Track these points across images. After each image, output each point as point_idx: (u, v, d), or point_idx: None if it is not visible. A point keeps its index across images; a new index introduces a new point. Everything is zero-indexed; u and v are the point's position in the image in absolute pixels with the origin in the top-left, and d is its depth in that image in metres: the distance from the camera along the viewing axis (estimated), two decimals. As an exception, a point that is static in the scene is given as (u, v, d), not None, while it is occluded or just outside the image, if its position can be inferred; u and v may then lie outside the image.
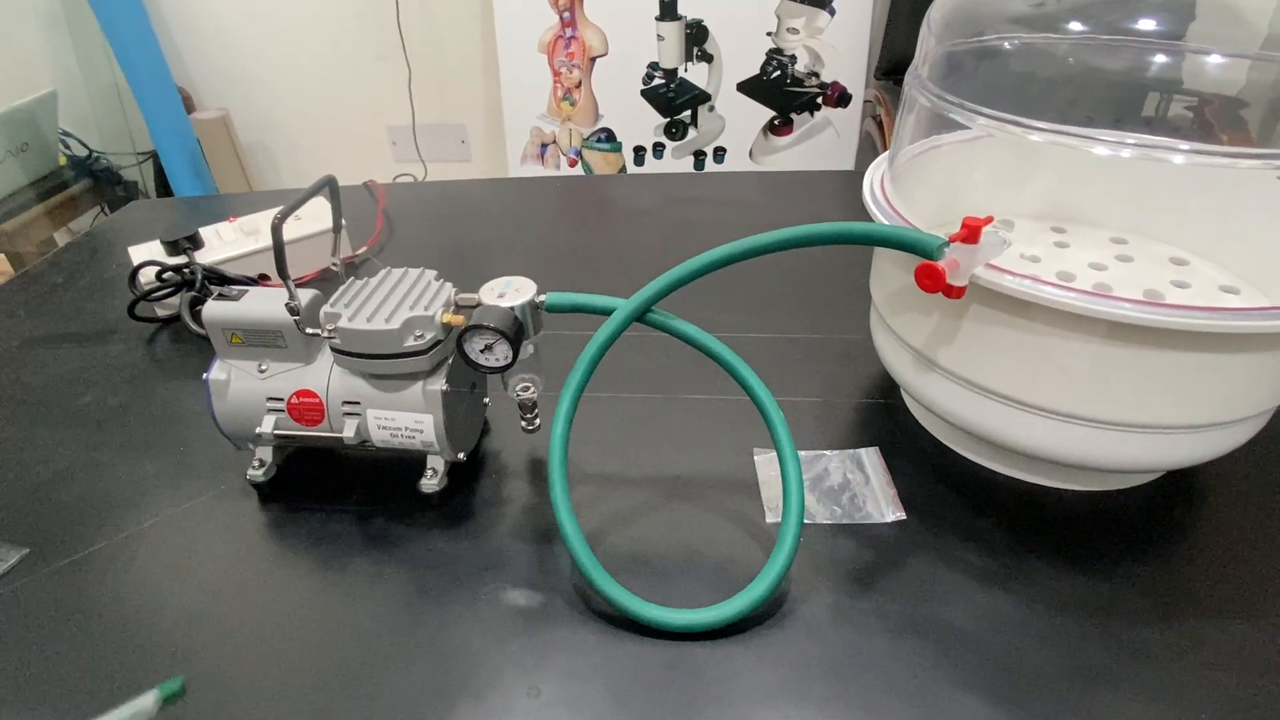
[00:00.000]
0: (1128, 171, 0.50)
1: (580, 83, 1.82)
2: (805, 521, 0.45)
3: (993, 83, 0.47)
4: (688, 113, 1.84)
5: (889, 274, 0.47)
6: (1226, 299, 0.45)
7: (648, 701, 0.37)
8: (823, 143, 1.85)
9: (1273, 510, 0.45)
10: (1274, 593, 0.41)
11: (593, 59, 1.79)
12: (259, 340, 0.45)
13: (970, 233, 0.36)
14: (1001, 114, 0.41)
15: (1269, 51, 0.43)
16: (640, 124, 1.86)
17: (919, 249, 0.38)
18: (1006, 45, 0.47)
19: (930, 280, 0.37)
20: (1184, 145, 0.36)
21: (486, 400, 0.53)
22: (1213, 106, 0.44)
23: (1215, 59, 0.43)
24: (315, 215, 0.76)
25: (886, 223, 0.43)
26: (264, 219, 0.74)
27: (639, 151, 1.90)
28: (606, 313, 0.44)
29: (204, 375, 0.46)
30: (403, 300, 0.44)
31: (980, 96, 0.42)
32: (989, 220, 0.37)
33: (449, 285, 0.46)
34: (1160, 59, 0.43)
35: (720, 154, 1.88)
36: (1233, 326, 0.34)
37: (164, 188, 2.04)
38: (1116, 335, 0.37)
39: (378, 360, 0.43)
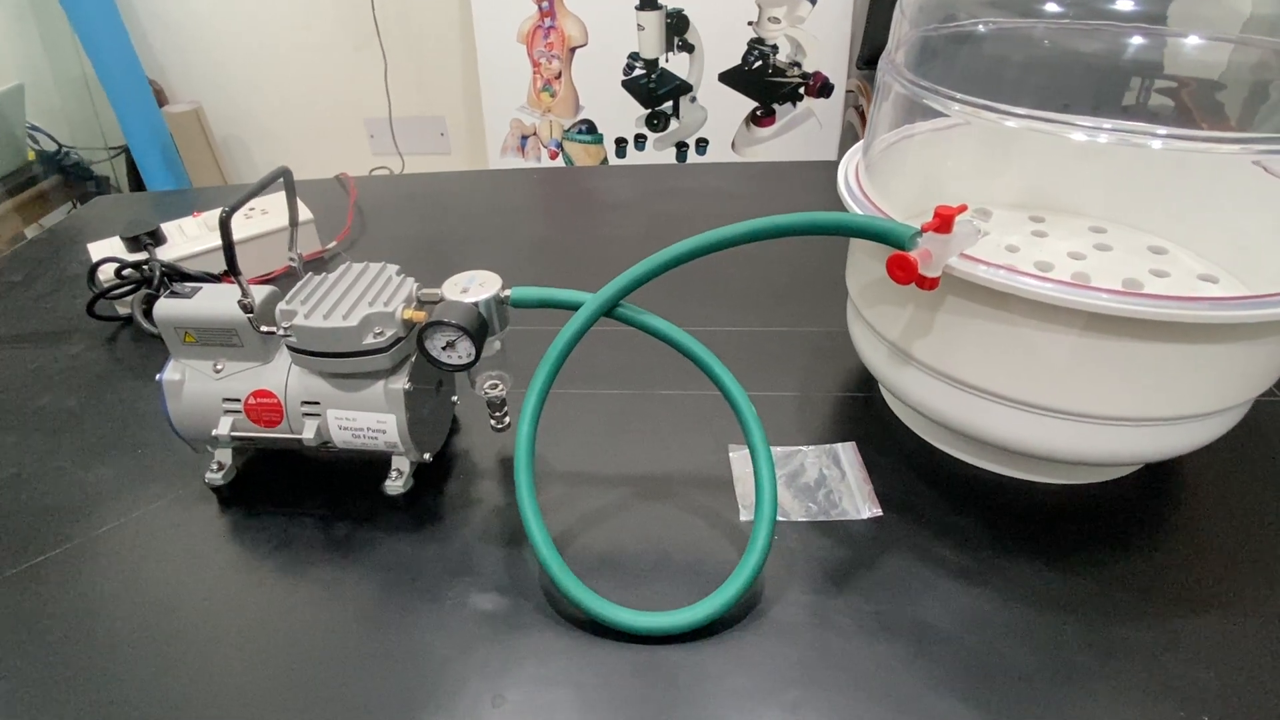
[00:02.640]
0: (1106, 159, 0.49)
1: (560, 73, 1.80)
2: (780, 519, 0.44)
3: (968, 68, 0.46)
4: (669, 104, 1.82)
5: (864, 265, 0.46)
6: (1205, 288, 0.44)
7: (617, 708, 0.35)
8: (805, 133, 1.84)
9: (1253, 503, 0.45)
10: (1254, 587, 0.40)
11: (572, 49, 1.77)
12: (213, 339, 0.44)
13: (943, 222, 0.35)
14: (977, 99, 0.40)
15: (1250, 35, 0.42)
16: (621, 115, 1.84)
17: (890, 239, 0.37)
18: (981, 29, 0.46)
19: (903, 271, 0.36)
20: (1162, 130, 0.35)
21: (455, 399, 0.52)
22: (1192, 91, 0.43)
23: (1195, 41, 0.42)
24: (282, 209, 0.74)
25: (860, 213, 0.42)
26: (229, 213, 0.72)
27: (620, 143, 1.88)
28: (574, 307, 0.42)
29: (157, 376, 0.44)
30: (362, 296, 0.42)
31: (956, 82, 0.41)
32: (962, 208, 0.36)
33: (411, 280, 0.44)
34: (1139, 42, 0.42)
35: (702, 145, 1.87)
36: (1212, 317, 0.33)
37: (136, 183, 2.00)
38: (1094, 326, 0.36)
39: (336, 359, 0.41)
